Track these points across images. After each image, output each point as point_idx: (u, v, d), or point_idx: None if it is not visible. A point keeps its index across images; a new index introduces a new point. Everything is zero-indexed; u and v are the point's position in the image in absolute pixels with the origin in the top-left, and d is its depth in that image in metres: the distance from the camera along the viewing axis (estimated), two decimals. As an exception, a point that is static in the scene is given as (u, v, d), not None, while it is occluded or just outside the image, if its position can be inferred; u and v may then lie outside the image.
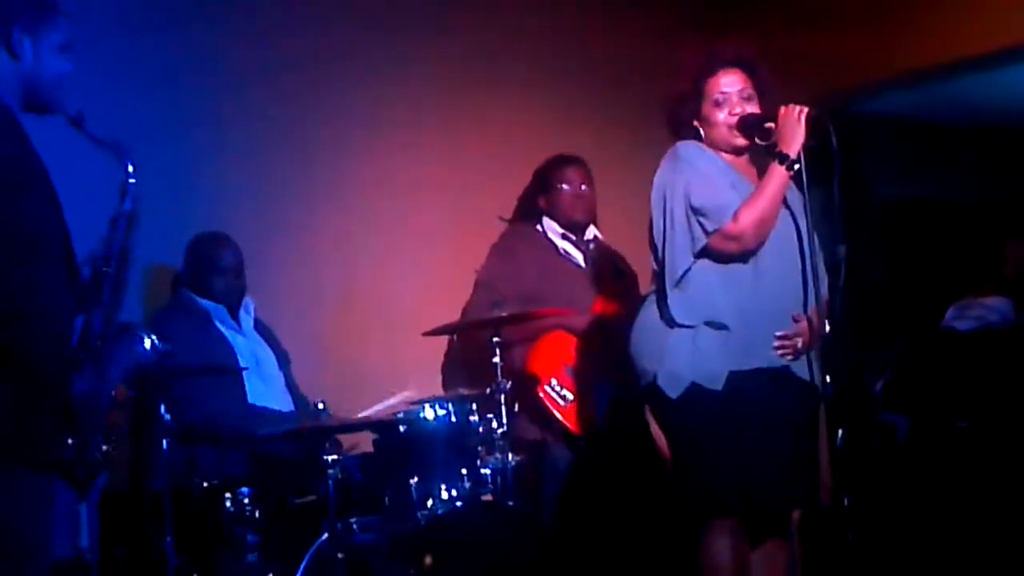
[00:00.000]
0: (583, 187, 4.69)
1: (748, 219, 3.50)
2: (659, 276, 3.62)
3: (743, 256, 3.54)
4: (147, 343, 3.21)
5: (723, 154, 3.66)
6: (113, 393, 2.93)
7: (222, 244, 4.38)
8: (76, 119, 2.84)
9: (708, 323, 3.51)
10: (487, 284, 4.56)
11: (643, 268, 3.88)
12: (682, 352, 3.51)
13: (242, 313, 4.40)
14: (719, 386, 3.48)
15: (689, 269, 3.53)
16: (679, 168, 3.58)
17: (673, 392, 3.51)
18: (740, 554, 3.52)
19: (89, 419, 2.79)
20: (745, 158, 3.70)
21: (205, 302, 4.31)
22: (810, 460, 3.55)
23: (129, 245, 2.92)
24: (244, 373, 4.19)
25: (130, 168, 2.92)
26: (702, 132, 3.66)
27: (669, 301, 3.54)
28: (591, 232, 4.71)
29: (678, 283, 3.54)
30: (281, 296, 4.70)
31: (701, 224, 3.52)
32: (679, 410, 3.52)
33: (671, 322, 3.54)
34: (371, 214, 5.10)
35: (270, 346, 4.43)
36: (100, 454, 2.82)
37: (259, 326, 4.45)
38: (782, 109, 3.54)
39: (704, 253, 3.53)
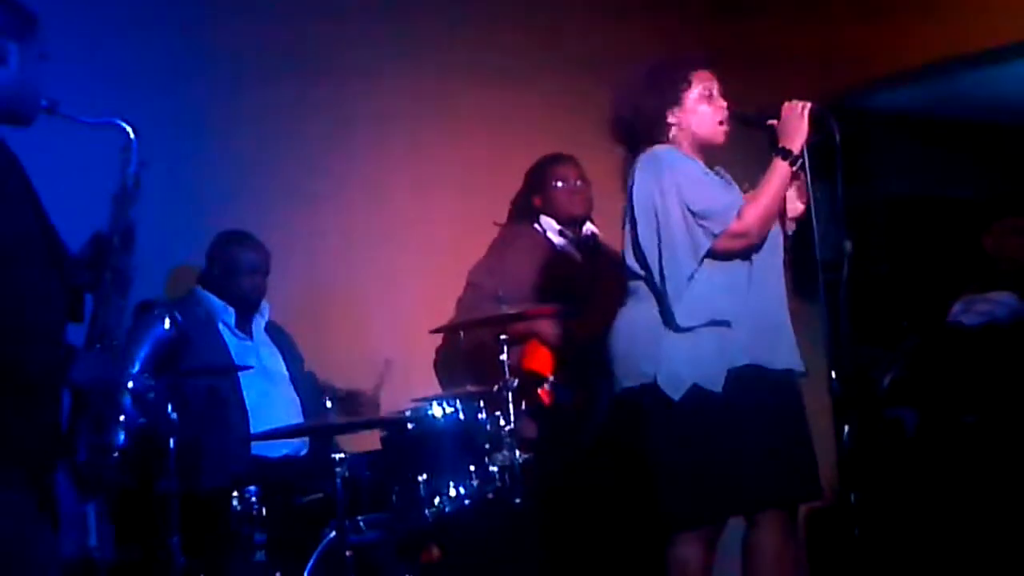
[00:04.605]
0: (578, 182, 4.68)
1: (753, 216, 3.51)
2: (648, 281, 3.57)
3: (745, 253, 3.54)
4: (166, 322, 3.18)
5: (695, 155, 3.62)
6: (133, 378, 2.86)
7: (248, 243, 4.38)
8: (50, 107, 2.77)
9: (711, 323, 3.49)
10: (474, 284, 4.57)
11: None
12: (682, 353, 3.49)
13: (256, 316, 4.39)
14: (719, 388, 3.46)
15: (693, 274, 3.51)
16: (663, 173, 3.53)
17: (675, 394, 3.48)
18: (708, 564, 3.54)
19: (101, 405, 2.72)
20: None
21: (216, 302, 4.31)
22: (802, 454, 3.55)
23: (133, 219, 2.87)
24: (249, 377, 4.18)
25: (126, 127, 2.87)
26: (677, 126, 3.61)
27: (672, 307, 3.50)
28: (588, 228, 4.71)
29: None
30: (286, 296, 4.70)
31: (703, 227, 3.49)
32: (679, 411, 3.49)
33: (675, 327, 3.50)
34: (377, 214, 5.11)
35: (281, 349, 4.43)
36: (115, 446, 2.76)
37: (271, 329, 4.45)
38: (785, 105, 3.53)
39: (708, 255, 3.51)
